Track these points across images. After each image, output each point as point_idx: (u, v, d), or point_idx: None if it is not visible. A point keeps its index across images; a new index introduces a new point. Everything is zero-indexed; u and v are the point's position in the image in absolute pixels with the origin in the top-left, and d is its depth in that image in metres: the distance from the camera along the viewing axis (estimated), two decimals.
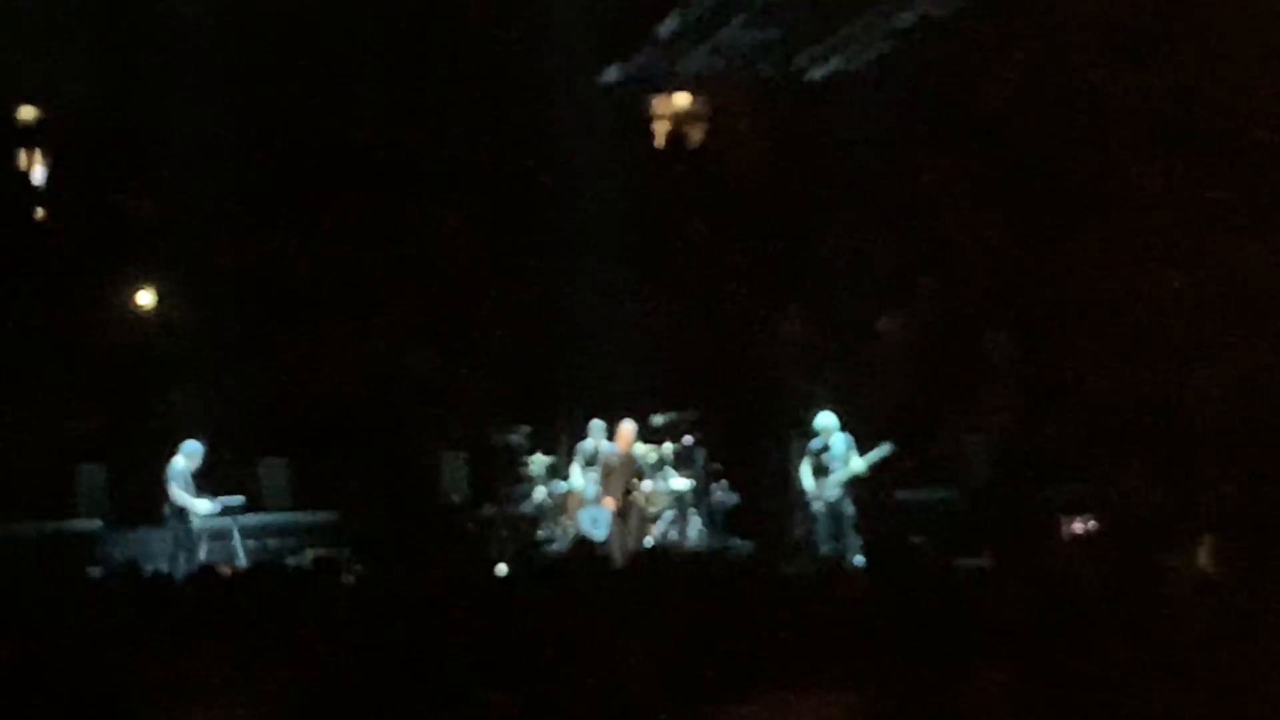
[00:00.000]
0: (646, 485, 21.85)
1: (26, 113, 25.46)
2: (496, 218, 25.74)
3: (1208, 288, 23.42)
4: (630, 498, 21.50)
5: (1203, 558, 9.53)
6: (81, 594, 10.31)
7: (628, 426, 21.91)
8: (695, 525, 21.95)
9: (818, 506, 20.44)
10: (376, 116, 25.03)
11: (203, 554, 20.43)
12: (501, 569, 17.78)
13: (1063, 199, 24.33)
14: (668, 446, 22.32)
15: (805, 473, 20.59)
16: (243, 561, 20.38)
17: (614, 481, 21.46)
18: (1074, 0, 23.16)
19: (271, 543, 22.26)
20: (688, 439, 22.32)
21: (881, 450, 20.37)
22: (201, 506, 20.62)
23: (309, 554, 20.34)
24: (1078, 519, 20.20)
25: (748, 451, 23.73)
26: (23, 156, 25.43)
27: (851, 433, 20.59)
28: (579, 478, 22.03)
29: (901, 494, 22.66)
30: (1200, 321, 23.40)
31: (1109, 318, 24.01)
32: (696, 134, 27.52)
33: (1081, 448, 23.40)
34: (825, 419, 20.69)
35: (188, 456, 20.78)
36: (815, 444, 20.61)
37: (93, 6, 23.47)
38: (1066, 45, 23.41)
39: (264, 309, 24.89)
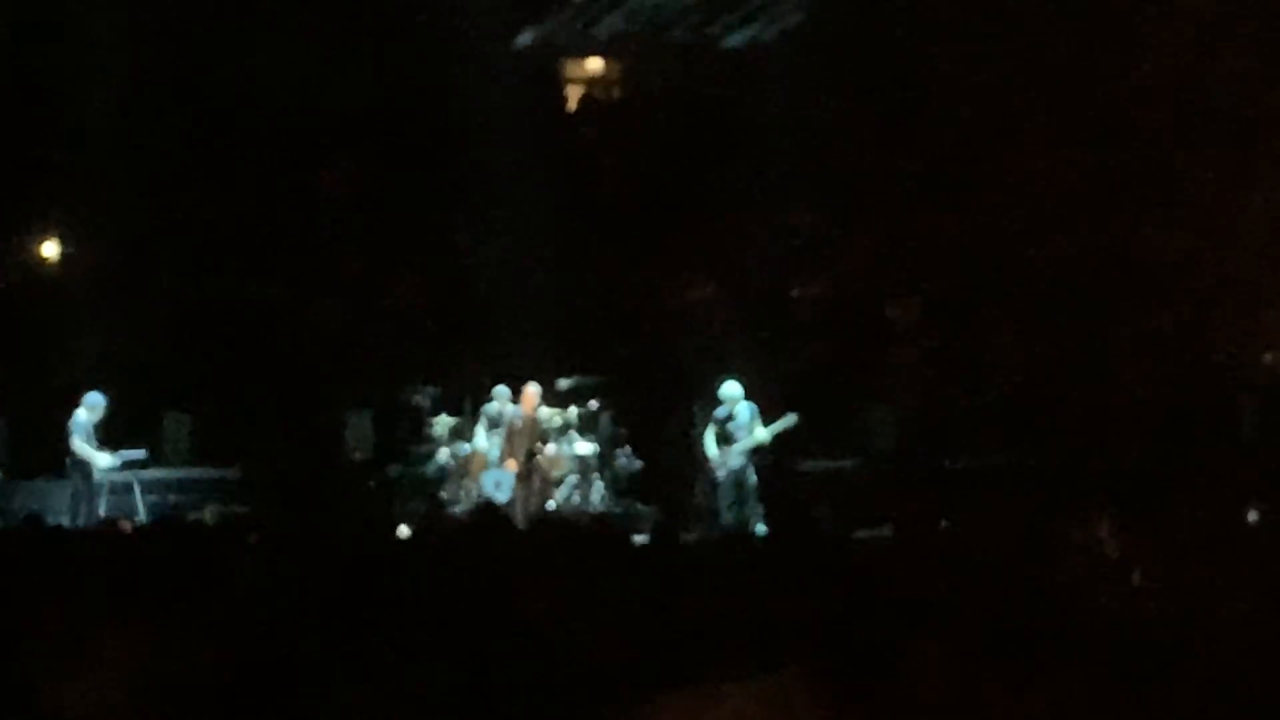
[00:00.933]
0: (550, 449, 21.82)
1: None
2: (407, 178, 25.63)
3: (1110, 258, 23.63)
4: (533, 461, 21.46)
5: (1103, 531, 9.59)
6: None
7: (532, 389, 21.86)
8: (598, 490, 21.95)
9: (721, 474, 20.45)
10: (287, 69, 24.86)
11: (103, 507, 20.26)
12: (403, 531, 17.70)
13: (972, 169, 24.45)
14: (573, 410, 22.30)
15: (709, 440, 20.60)
16: (142, 516, 20.22)
17: (517, 444, 21.40)
18: None
19: (173, 498, 22.11)
20: (593, 403, 22.33)
21: (786, 421, 20.39)
22: (103, 460, 20.45)
23: (209, 510, 20.24)
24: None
25: (653, 418, 23.73)
26: None
27: (756, 402, 20.60)
28: (483, 440, 21.98)
29: (805, 463, 22.73)
30: (1102, 292, 23.61)
31: (1014, 288, 24.18)
32: (608, 98, 27.49)
33: (985, 418, 23.57)
34: (730, 387, 20.70)
35: (90, 409, 20.59)
36: (720, 412, 20.61)
37: None
38: (979, 14, 23.50)
39: (168, 260, 24.71)
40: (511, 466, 21.31)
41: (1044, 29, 23.18)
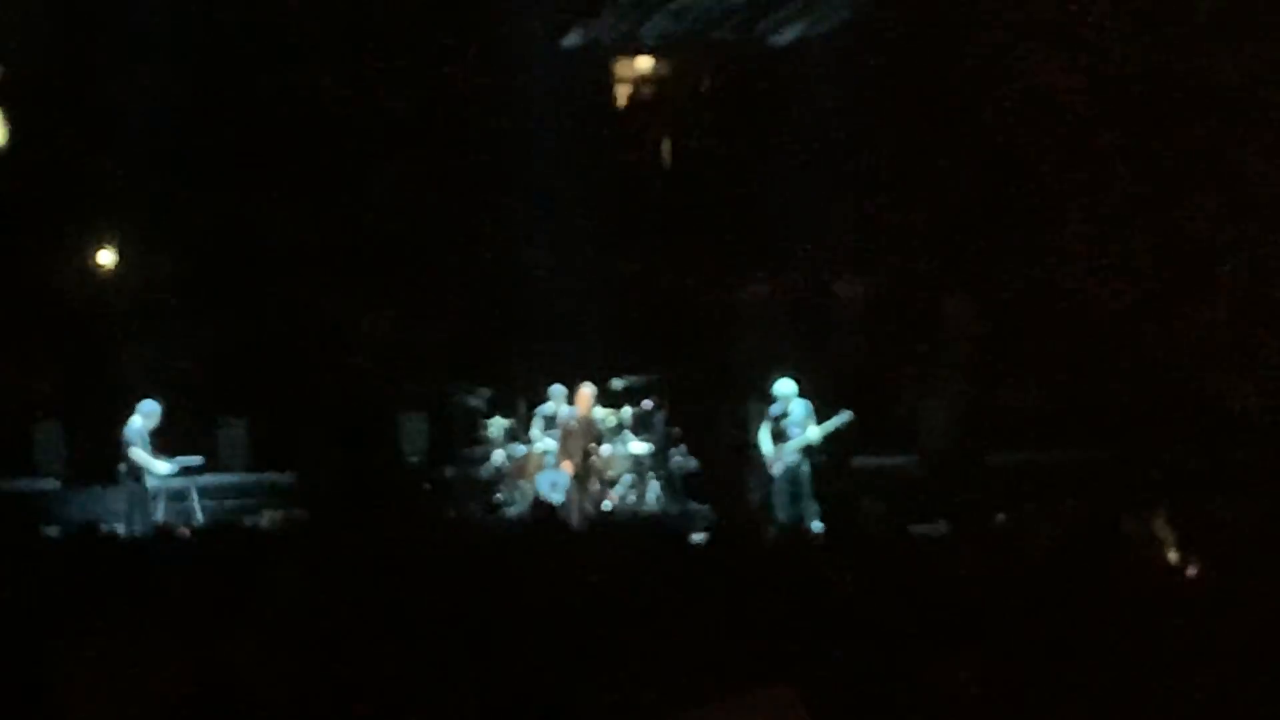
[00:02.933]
0: (605, 449, 21.82)
1: None
2: (458, 179, 25.66)
3: (1165, 252, 23.53)
4: (589, 462, 21.46)
5: (1158, 525, 9.56)
6: (38, 553, 10.27)
7: (587, 390, 21.86)
8: (653, 490, 21.93)
9: (777, 470, 20.43)
10: (338, 75, 24.96)
11: (159, 514, 20.35)
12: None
13: (1023, 166, 24.38)
14: (627, 410, 22.29)
15: (764, 438, 20.58)
16: (200, 522, 20.31)
17: (572, 445, 21.41)
18: None
19: (229, 503, 22.22)
20: (647, 403, 22.30)
21: (840, 418, 20.36)
22: (159, 466, 20.52)
23: (266, 515, 20.30)
24: None
25: (707, 416, 23.71)
26: None
27: (810, 399, 20.58)
28: (539, 441, 22.00)
29: (859, 459, 22.69)
30: (1157, 285, 23.51)
31: (1068, 282, 24.10)
32: (657, 97, 27.48)
33: (1038, 413, 23.49)
34: (784, 385, 20.68)
35: (146, 416, 20.68)
36: (774, 409, 20.59)
37: None
38: (1029, 14, 23.44)
39: (222, 268, 24.81)
40: (567, 468, 21.32)
41: (1095, 23, 23.10)
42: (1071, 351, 23.85)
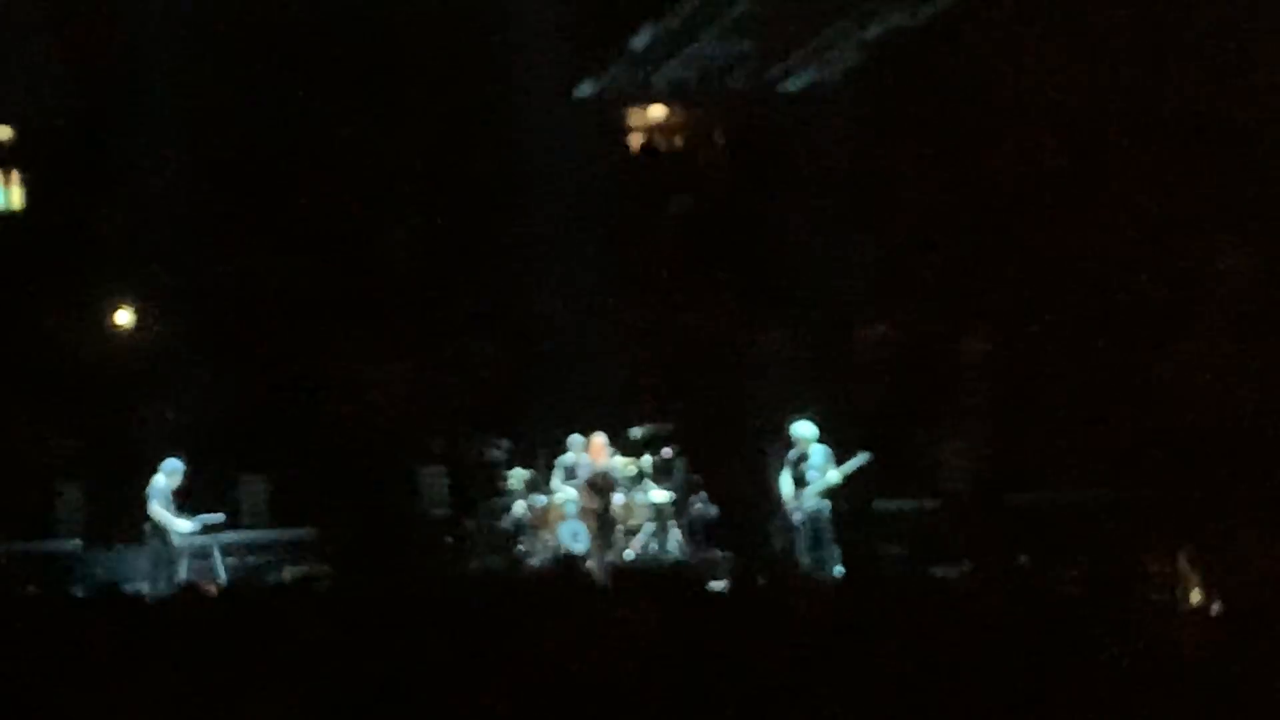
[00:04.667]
0: (618, 498, 21.83)
1: (2, 133, 25.43)
2: (473, 231, 25.72)
3: (1184, 290, 23.51)
4: (608, 511, 21.50)
5: (1181, 563, 9.56)
6: (63, 613, 10.28)
7: (599, 439, 21.91)
8: (675, 537, 21.93)
9: (797, 517, 20.42)
10: (352, 131, 25.02)
11: (183, 572, 20.37)
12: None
13: (1037, 205, 24.39)
14: (647, 459, 22.29)
15: (784, 483, 20.58)
16: (223, 579, 20.34)
17: (589, 495, 21.45)
18: (1043, 7, 23.23)
19: (251, 560, 22.25)
20: (667, 451, 22.30)
21: (859, 460, 20.36)
22: (182, 525, 20.56)
23: (289, 571, 20.33)
24: None
25: (727, 463, 23.69)
26: None
27: (830, 442, 20.58)
28: (559, 491, 22.01)
29: (880, 503, 22.65)
30: (1176, 323, 23.48)
31: (1083, 321, 24.07)
32: (670, 146, 27.53)
33: (1060, 455, 23.43)
34: (803, 429, 20.69)
35: (168, 475, 20.73)
36: (793, 454, 20.60)
37: (65, 29, 23.43)
38: (1037, 52, 23.46)
39: (240, 325, 24.85)
40: (586, 518, 21.34)
41: (1105, 60, 23.12)
42: (1091, 390, 23.81)
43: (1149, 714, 5.80)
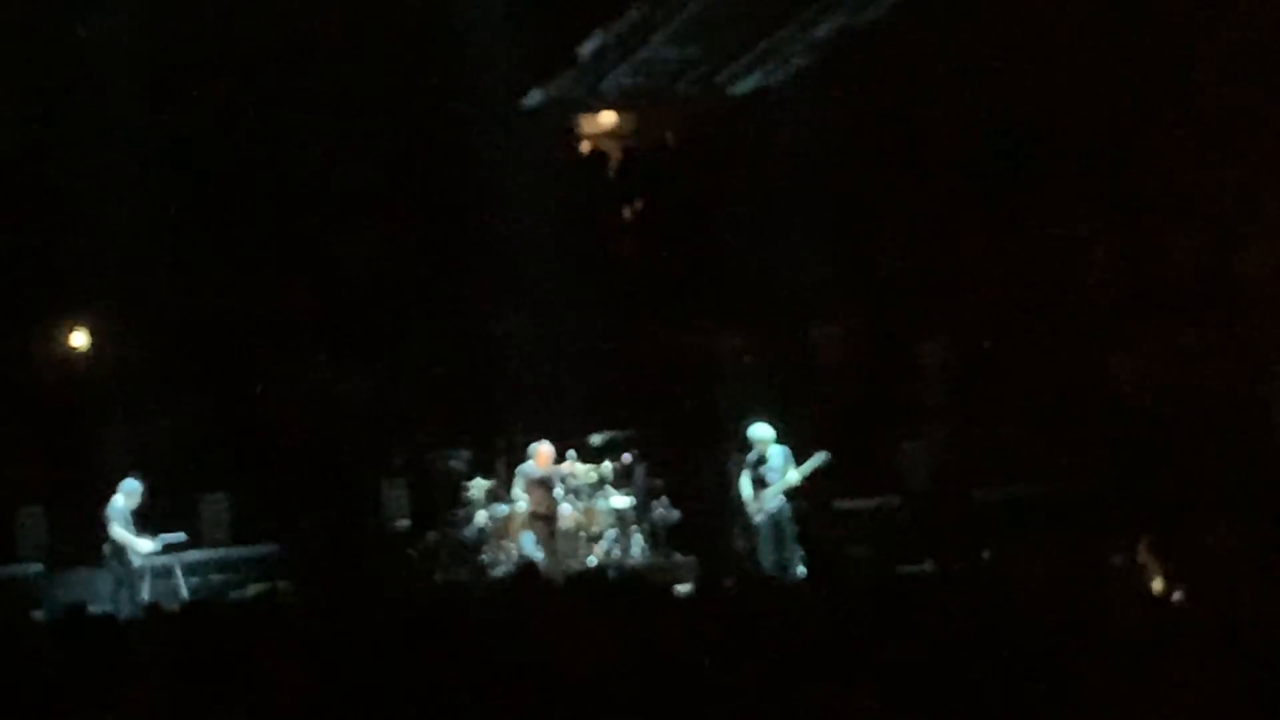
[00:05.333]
0: (566, 507, 21.82)
1: None
2: (425, 242, 25.70)
3: (1140, 282, 23.62)
4: (555, 520, 21.53)
5: (1142, 555, 9.58)
6: (26, 636, 10.24)
7: (545, 447, 21.91)
8: (638, 543, 21.91)
9: (759, 519, 20.42)
10: (301, 146, 24.97)
11: (145, 593, 20.28)
12: None
13: (987, 203, 24.49)
14: (607, 465, 22.24)
15: (744, 485, 20.58)
16: (185, 599, 20.25)
17: (535, 503, 21.53)
18: (992, 7, 23.31)
19: (214, 578, 22.16)
20: (627, 456, 22.27)
21: (817, 459, 20.38)
22: (142, 545, 20.48)
23: (251, 588, 20.25)
24: None
25: (687, 467, 23.69)
26: None
27: (791, 444, 20.59)
28: (520, 500, 21.98)
29: (841, 503, 22.68)
30: (1126, 317, 23.60)
31: (1038, 314, 24.16)
32: (621, 152, 27.54)
33: (1020, 449, 23.50)
34: (760, 430, 20.70)
35: (127, 495, 20.64)
36: (753, 456, 20.61)
37: (14, 50, 23.37)
38: (984, 52, 23.55)
39: (196, 344, 24.76)
40: (532, 526, 21.41)
41: (1050, 58, 23.20)
42: (1049, 385, 23.89)
43: (1117, 703, 5.81)
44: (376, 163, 25.35)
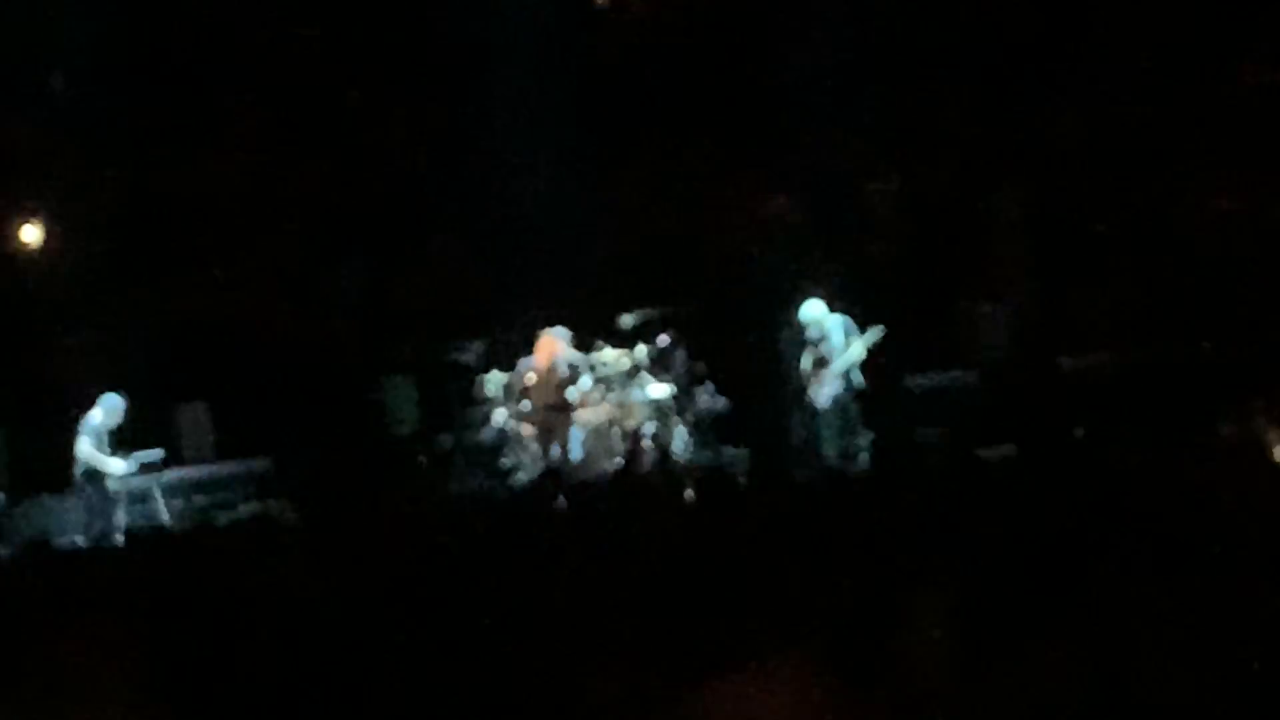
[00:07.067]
0: (574, 393, 21.72)
1: None
2: (430, 101, 25.57)
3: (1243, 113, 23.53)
4: (556, 416, 21.50)
5: (1258, 426, 9.55)
6: None
7: (548, 337, 21.83)
8: (680, 436, 21.84)
9: (820, 403, 20.45)
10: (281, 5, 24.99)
11: (122, 520, 20.38)
12: None
13: (1063, 33, 24.35)
14: (641, 350, 22.13)
15: (806, 364, 20.61)
16: (167, 524, 20.32)
17: (535, 403, 21.53)
18: None
19: (199, 500, 22.23)
20: (663, 338, 22.16)
21: (873, 333, 20.40)
22: (115, 466, 20.55)
23: (241, 509, 20.34)
24: None
25: (734, 348, 23.63)
26: None
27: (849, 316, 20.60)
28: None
29: (912, 380, 22.66)
30: (1233, 154, 23.47)
31: (1130, 157, 24.01)
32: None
33: (1115, 311, 23.40)
34: (812, 307, 20.71)
35: (107, 412, 20.70)
36: (813, 334, 20.61)
37: None
38: None
39: (165, 233, 24.73)
40: (526, 430, 21.41)
41: None
42: (1146, 235, 23.78)
43: (1238, 598, 5.78)
44: (369, 19, 25.23)
